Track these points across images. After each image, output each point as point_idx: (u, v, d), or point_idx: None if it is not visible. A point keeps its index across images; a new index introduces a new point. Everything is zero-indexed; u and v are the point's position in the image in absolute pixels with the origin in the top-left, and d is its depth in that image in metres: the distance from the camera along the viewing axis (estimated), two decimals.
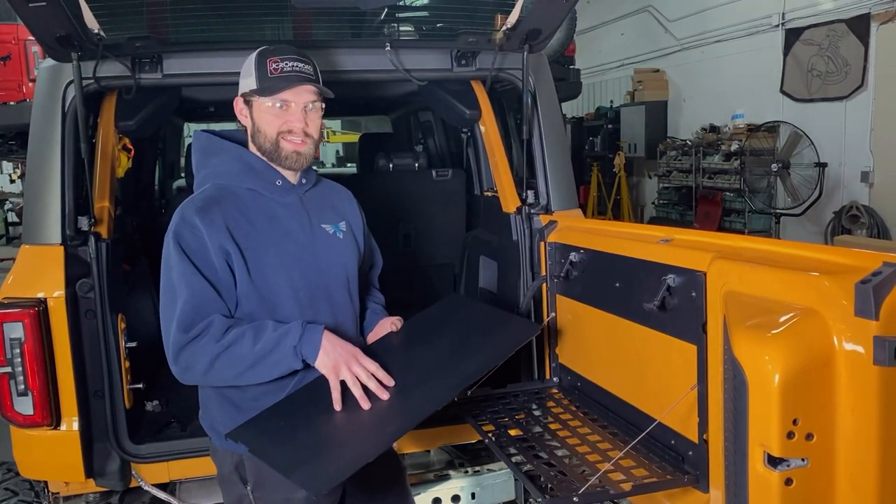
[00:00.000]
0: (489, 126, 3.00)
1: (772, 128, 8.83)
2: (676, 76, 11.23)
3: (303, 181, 1.98)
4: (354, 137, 9.04)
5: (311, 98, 1.89)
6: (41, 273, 2.31)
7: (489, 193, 3.31)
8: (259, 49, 1.90)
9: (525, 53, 2.62)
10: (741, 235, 2.02)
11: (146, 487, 2.47)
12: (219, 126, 4.58)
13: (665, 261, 1.88)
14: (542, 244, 2.61)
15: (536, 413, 2.32)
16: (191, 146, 2.16)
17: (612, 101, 12.61)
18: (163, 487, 2.50)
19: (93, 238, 2.33)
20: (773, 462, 1.38)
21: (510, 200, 2.87)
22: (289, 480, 1.71)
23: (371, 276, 2.24)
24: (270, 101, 1.86)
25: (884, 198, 7.80)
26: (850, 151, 8.14)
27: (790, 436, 1.36)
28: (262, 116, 1.89)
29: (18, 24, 5.98)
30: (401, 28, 3.11)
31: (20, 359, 2.20)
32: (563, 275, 2.45)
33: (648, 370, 2.00)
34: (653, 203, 11.58)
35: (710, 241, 1.83)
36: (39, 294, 2.26)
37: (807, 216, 8.36)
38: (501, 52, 2.70)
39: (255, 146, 1.93)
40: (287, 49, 1.91)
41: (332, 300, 1.96)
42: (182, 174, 5.52)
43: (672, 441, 1.87)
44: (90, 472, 2.36)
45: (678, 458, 1.84)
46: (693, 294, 1.76)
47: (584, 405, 2.32)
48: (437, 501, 2.61)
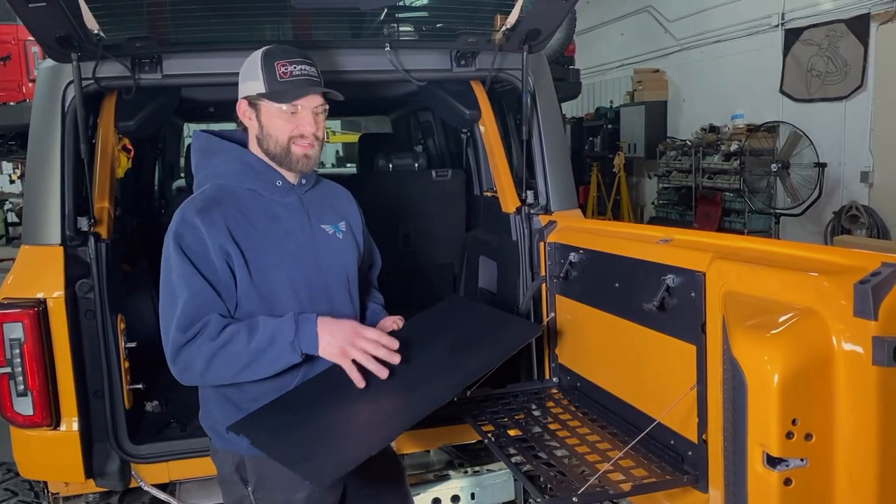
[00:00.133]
0: (489, 126, 3.00)
1: (771, 128, 8.83)
2: (676, 76, 11.24)
3: (302, 181, 1.98)
4: (354, 138, 9.03)
5: (321, 102, 1.90)
6: (41, 273, 2.31)
7: (489, 194, 3.31)
8: (263, 50, 1.88)
9: (525, 54, 2.62)
10: (740, 236, 2.02)
11: (146, 488, 2.47)
12: (218, 126, 4.57)
13: (664, 261, 1.88)
14: (542, 244, 2.61)
15: (536, 413, 2.32)
16: (190, 146, 2.16)
17: (612, 102, 12.62)
18: (163, 488, 2.50)
19: (92, 238, 2.33)
20: (773, 462, 1.38)
21: (510, 201, 2.87)
22: (293, 473, 1.71)
23: (370, 276, 2.24)
24: (283, 107, 1.85)
25: (883, 198, 7.81)
26: (850, 151, 8.15)
27: (789, 436, 1.36)
28: (273, 121, 1.87)
29: (18, 25, 5.98)
30: (400, 28, 3.11)
31: (20, 359, 2.20)
32: (563, 275, 2.45)
33: (648, 370, 2.00)
34: (652, 203, 11.58)
35: (710, 242, 1.83)
36: (39, 294, 2.26)
37: (806, 216, 8.37)
38: (501, 53, 2.70)
39: (262, 149, 1.92)
40: (292, 51, 1.90)
41: (333, 300, 1.96)
42: (182, 174, 5.52)
43: (671, 441, 1.87)
44: (90, 473, 2.36)
45: (677, 459, 1.84)
46: (692, 294, 1.76)
47: (584, 405, 2.32)
48: (437, 501, 2.61)
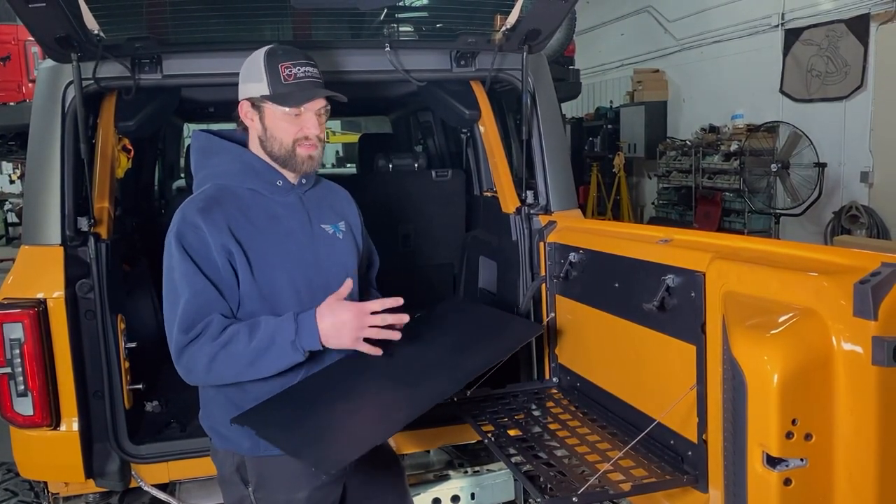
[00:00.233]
0: (489, 126, 3.00)
1: (771, 128, 8.83)
2: (676, 76, 11.24)
3: (302, 181, 1.98)
4: (354, 138, 9.03)
5: (324, 104, 1.90)
6: (41, 273, 2.31)
7: (489, 194, 3.31)
8: (265, 51, 1.88)
9: (524, 54, 2.62)
10: (740, 236, 2.02)
11: (146, 488, 2.47)
12: (218, 126, 4.57)
13: (664, 261, 1.88)
14: (542, 244, 2.61)
15: (536, 413, 2.32)
16: (189, 146, 2.16)
17: (612, 102, 12.62)
18: (162, 488, 2.50)
19: (92, 238, 2.33)
20: (772, 462, 1.38)
21: (510, 201, 2.87)
22: (293, 474, 1.71)
23: (369, 277, 2.24)
24: (287, 109, 1.85)
25: (883, 198, 7.81)
26: (850, 151, 8.15)
27: (789, 436, 1.36)
28: (277, 124, 1.87)
29: (18, 25, 5.98)
30: (400, 28, 3.11)
31: (20, 359, 2.20)
32: (563, 275, 2.45)
33: (647, 370, 2.00)
34: (652, 203, 11.58)
35: (710, 242, 1.83)
36: (39, 294, 2.26)
37: (806, 216, 8.37)
38: (501, 53, 2.70)
39: (265, 150, 1.91)
40: (295, 52, 1.89)
41: None
42: (182, 174, 5.52)
43: (671, 441, 1.87)
44: (90, 473, 2.36)
45: (677, 459, 1.84)
46: (692, 294, 1.76)
47: (584, 405, 2.32)
48: (437, 502, 2.61)
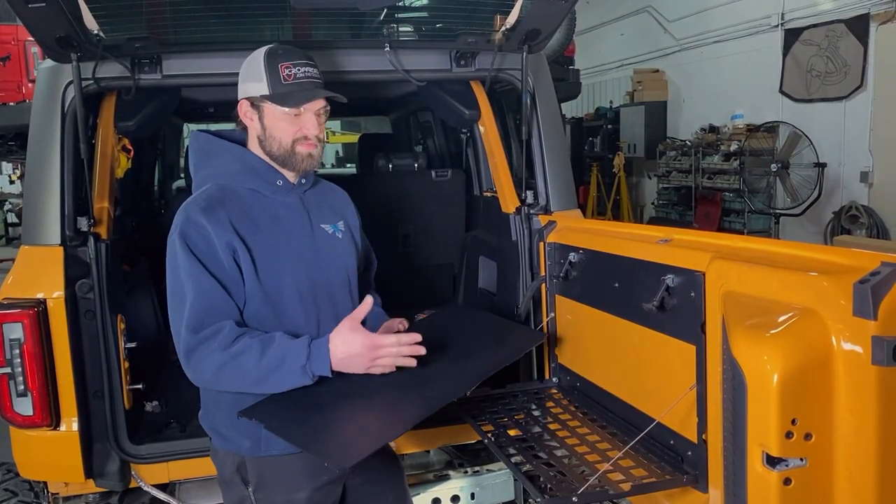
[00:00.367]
0: (488, 126, 3.00)
1: (771, 128, 8.84)
2: (676, 76, 11.24)
3: (302, 181, 1.98)
4: (354, 138, 9.03)
5: (324, 104, 1.90)
6: (41, 274, 2.31)
7: (488, 194, 3.31)
8: (265, 50, 1.88)
9: (524, 54, 2.62)
10: (740, 236, 2.02)
11: (146, 488, 2.47)
12: (217, 126, 4.57)
13: (664, 261, 1.88)
14: (542, 244, 2.61)
15: (536, 413, 2.32)
16: (188, 147, 2.16)
17: (612, 102, 12.62)
18: (162, 488, 2.50)
19: (92, 239, 2.33)
20: (772, 462, 1.38)
21: (509, 201, 2.87)
22: (294, 474, 1.71)
23: (368, 278, 2.25)
24: (286, 109, 1.85)
25: (883, 198, 7.81)
26: (850, 151, 8.15)
27: (789, 435, 1.36)
28: (277, 123, 1.87)
29: (18, 25, 5.98)
30: (400, 28, 3.11)
31: (20, 359, 2.20)
32: (563, 275, 2.45)
33: (647, 370, 2.00)
34: (652, 203, 11.58)
35: (709, 242, 1.83)
36: (39, 295, 2.26)
37: (806, 216, 8.37)
38: (500, 53, 2.70)
39: (263, 150, 1.92)
40: (295, 52, 1.89)
41: (334, 299, 1.97)
42: (182, 174, 5.52)
43: (671, 441, 1.87)
44: (90, 473, 2.36)
45: (677, 458, 1.84)
46: (692, 294, 1.76)
47: (584, 405, 2.32)
48: (437, 502, 2.61)
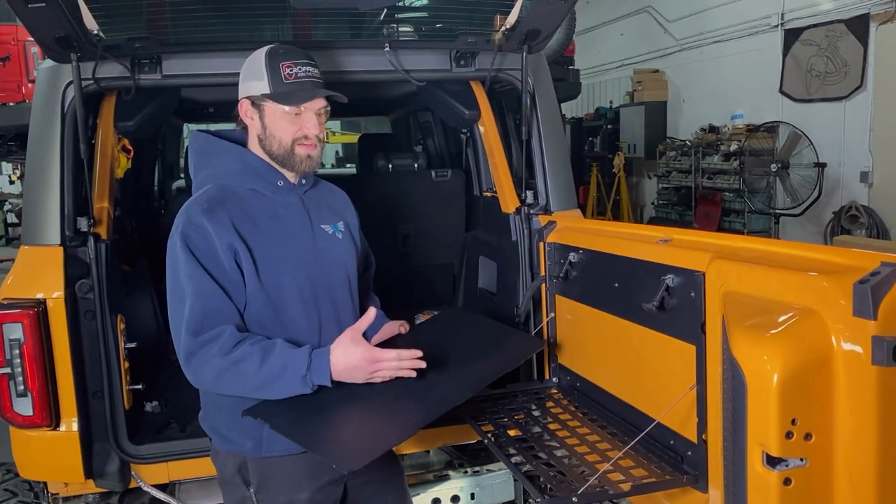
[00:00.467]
0: (488, 126, 3.00)
1: (771, 128, 8.84)
2: (676, 76, 11.24)
3: (302, 181, 1.98)
4: (354, 138, 9.03)
5: (325, 104, 1.90)
6: (40, 274, 2.31)
7: (488, 194, 3.31)
8: (266, 49, 1.88)
9: (524, 54, 2.62)
10: (740, 236, 2.02)
11: (146, 488, 2.47)
12: (217, 127, 4.57)
13: (664, 261, 1.88)
14: (542, 244, 2.61)
15: (536, 413, 2.33)
16: (188, 147, 2.16)
17: (612, 102, 12.62)
18: (162, 488, 2.50)
19: (92, 239, 2.33)
20: (772, 462, 1.38)
21: (509, 201, 2.87)
22: (295, 474, 1.70)
23: (366, 279, 2.24)
24: (287, 108, 1.85)
25: (883, 198, 7.81)
26: (850, 152, 8.15)
27: (789, 436, 1.36)
28: (277, 123, 1.87)
29: (18, 25, 5.98)
30: (400, 29, 3.11)
31: (19, 360, 2.20)
32: (562, 275, 2.45)
33: (647, 370, 2.00)
34: (652, 203, 11.58)
35: (709, 242, 1.83)
36: (39, 295, 2.26)
37: (806, 216, 8.37)
38: (500, 53, 2.70)
39: (264, 149, 1.92)
40: (297, 52, 1.90)
41: (335, 299, 1.97)
42: (182, 174, 5.52)
43: (671, 441, 1.87)
44: (89, 473, 2.36)
45: (677, 458, 1.84)
46: (692, 294, 1.76)
47: (584, 405, 2.32)
48: (437, 502, 2.61)
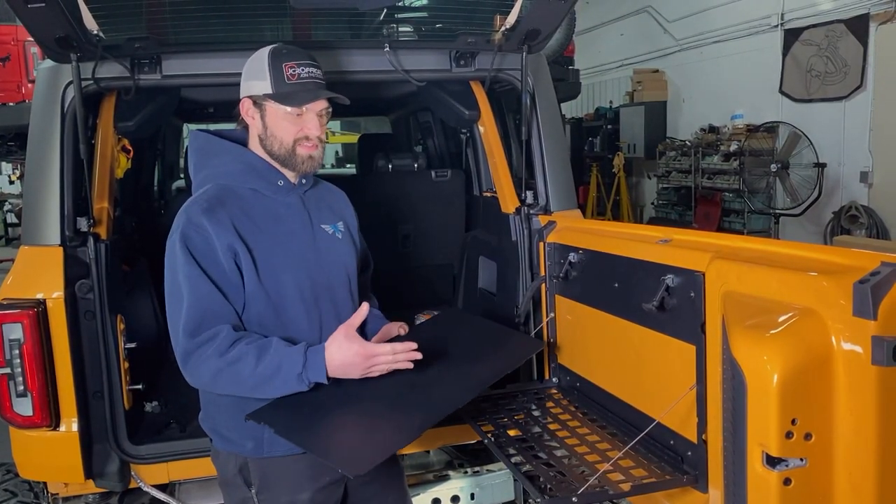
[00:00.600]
0: (488, 127, 3.00)
1: (771, 128, 8.84)
2: (676, 76, 11.24)
3: (302, 181, 1.98)
4: (353, 138, 9.03)
5: (326, 105, 1.91)
6: (40, 274, 2.30)
7: (488, 194, 3.31)
8: (270, 49, 1.88)
9: (524, 54, 2.62)
10: (740, 236, 2.02)
11: (145, 488, 2.47)
12: (217, 127, 4.57)
13: (664, 261, 1.88)
14: (542, 244, 2.61)
15: (535, 413, 2.33)
16: (188, 147, 2.16)
17: (612, 102, 12.62)
18: (162, 488, 2.50)
19: (92, 239, 2.33)
20: (772, 462, 1.38)
21: (509, 201, 2.87)
22: (296, 475, 1.71)
23: (365, 279, 2.24)
24: (289, 109, 1.85)
25: (883, 198, 7.80)
26: (849, 152, 8.15)
27: (789, 436, 1.36)
28: (278, 123, 1.87)
29: (18, 25, 5.98)
30: (400, 29, 3.11)
31: (19, 360, 2.20)
32: (562, 275, 2.45)
33: (647, 370, 2.00)
34: (652, 203, 11.58)
35: (709, 242, 1.83)
36: (38, 295, 2.26)
37: (806, 216, 8.37)
38: (500, 53, 2.70)
39: (264, 149, 1.92)
40: (300, 52, 1.90)
41: (335, 299, 1.97)
42: (181, 175, 5.52)
43: (671, 441, 1.87)
44: (89, 473, 2.36)
45: (677, 459, 1.84)
46: (692, 294, 1.76)
47: (583, 405, 2.32)
48: (437, 502, 2.61)
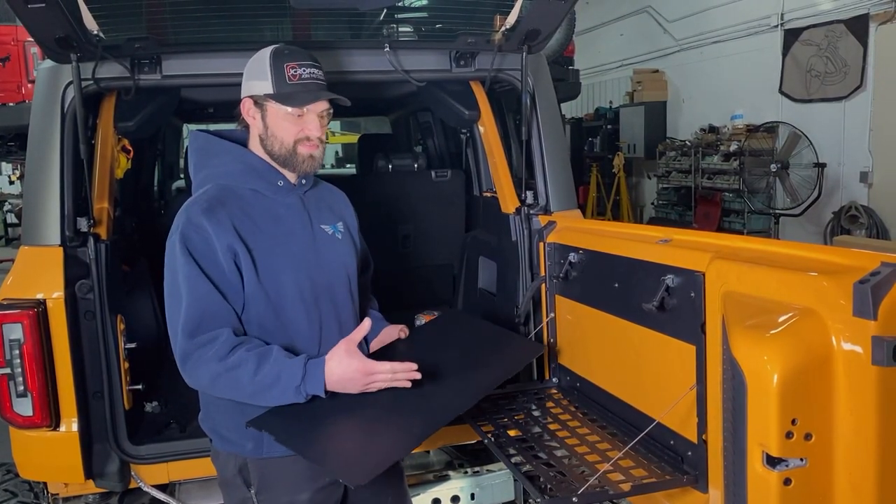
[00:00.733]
0: (488, 127, 3.00)
1: (771, 128, 8.84)
2: (675, 77, 11.24)
3: (302, 182, 1.98)
4: (353, 138, 9.03)
5: (327, 106, 1.91)
6: (40, 274, 2.30)
7: (488, 194, 3.31)
8: (272, 49, 1.88)
9: (524, 54, 2.62)
10: (740, 236, 2.02)
11: (145, 488, 2.47)
12: (216, 127, 4.57)
13: (664, 261, 1.88)
14: (542, 245, 2.61)
15: (536, 414, 2.33)
16: (188, 147, 2.16)
17: (612, 102, 12.63)
18: (162, 488, 2.50)
19: (92, 239, 2.33)
20: (772, 462, 1.38)
21: (509, 201, 2.87)
22: (296, 475, 1.70)
23: (365, 280, 2.24)
24: (290, 109, 1.85)
25: (883, 198, 7.81)
26: (849, 152, 8.15)
27: (789, 436, 1.36)
28: (279, 123, 1.87)
29: (18, 26, 5.99)
30: (400, 29, 3.11)
31: (19, 360, 2.20)
32: (562, 275, 2.45)
33: (647, 370, 2.00)
34: (652, 203, 11.58)
35: (709, 242, 1.83)
36: (39, 295, 2.26)
37: (806, 216, 8.37)
38: (500, 53, 2.70)
39: (265, 149, 1.91)
40: (302, 53, 1.90)
41: (335, 300, 1.97)
42: (182, 175, 5.52)
43: (671, 441, 1.87)
44: (89, 473, 2.36)
45: (677, 459, 1.84)
46: (692, 294, 1.76)
47: (584, 406, 2.32)
48: (437, 502, 2.61)
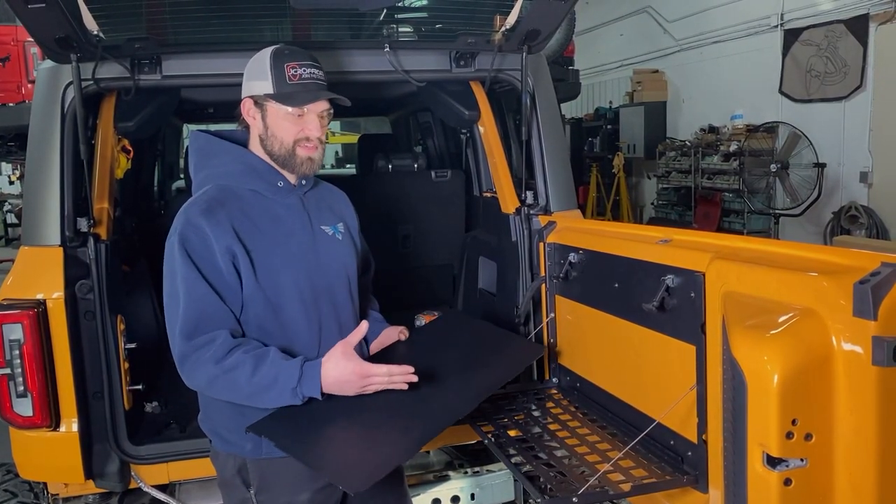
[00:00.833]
0: (488, 127, 3.00)
1: (771, 128, 8.84)
2: (675, 77, 11.24)
3: (303, 182, 1.98)
4: (353, 138, 9.03)
5: (327, 106, 1.91)
6: (40, 274, 2.30)
7: (488, 194, 3.31)
8: (272, 49, 1.88)
9: (524, 54, 2.62)
10: (740, 236, 2.02)
11: (146, 489, 2.47)
12: (216, 127, 4.57)
13: (664, 261, 1.88)
14: (542, 245, 2.61)
15: (536, 414, 2.33)
16: (188, 147, 2.16)
17: (611, 102, 12.63)
18: (162, 489, 2.50)
19: (92, 239, 2.33)
20: (772, 462, 1.38)
21: (509, 201, 2.87)
22: (296, 476, 1.70)
23: (366, 281, 2.24)
24: (290, 109, 1.85)
25: (883, 198, 7.81)
26: (849, 152, 8.15)
27: (789, 436, 1.36)
28: (279, 123, 1.87)
29: (18, 26, 5.99)
30: (400, 29, 3.11)
31: (19, 360, 2.20)
32: (562, 275, 2.45)
33: (647, 371, 2.00)
34: (652, 204, 11.58)
35: (709, 242, 1.83)
36: (39, 295, 2.26)
37: (806, 217, 8.37)
38: (500, 53, 2.70)
39: (265, 150, 1.91)
40: (302, 53, 1.90)
41: (335, 301, 1.97)
42: (181, 175, 5.53)
43: (671, 441, 1.87)
44: (89, 474, 2.36)
45: (677, 459, 1.84)
46: (692, 294, 1.76)
47: (584, 406, 2.32)
48: (437, 502, 2.61)
